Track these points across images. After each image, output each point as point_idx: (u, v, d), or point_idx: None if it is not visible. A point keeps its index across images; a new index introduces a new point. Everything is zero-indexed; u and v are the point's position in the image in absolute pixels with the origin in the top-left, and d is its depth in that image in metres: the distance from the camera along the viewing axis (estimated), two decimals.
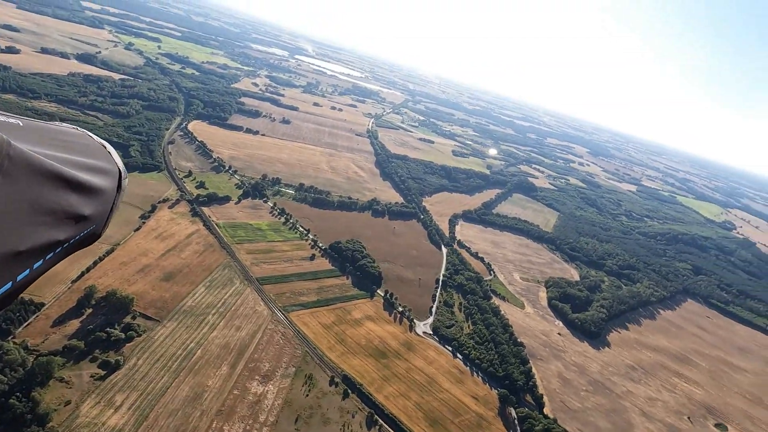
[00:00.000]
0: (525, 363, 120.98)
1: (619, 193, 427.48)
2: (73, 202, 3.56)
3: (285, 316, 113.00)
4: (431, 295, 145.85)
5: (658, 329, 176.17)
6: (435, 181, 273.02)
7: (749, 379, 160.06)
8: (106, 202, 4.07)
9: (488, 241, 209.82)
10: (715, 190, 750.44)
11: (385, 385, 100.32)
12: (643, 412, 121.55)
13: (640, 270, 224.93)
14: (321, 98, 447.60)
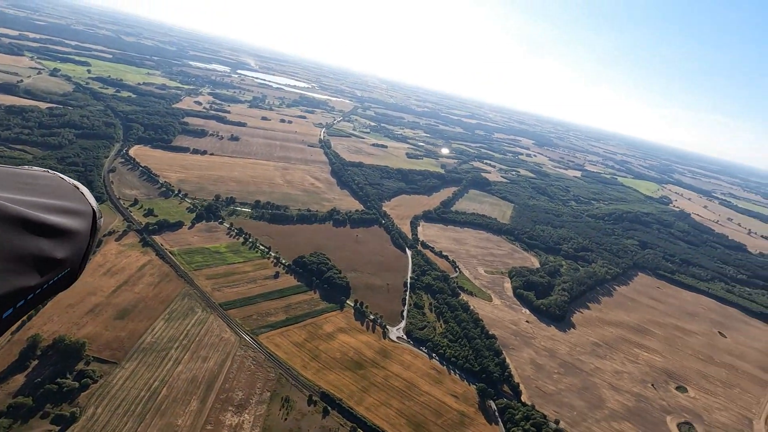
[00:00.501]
0: (498, 354, 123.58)
1: (567, 180, 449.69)
2: (42, 247, 3.50)
3: (254, 339, 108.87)
4: (401, 299, 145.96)
5: (616, 305, 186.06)
6: (393, 185, 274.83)
7: (700, 340, 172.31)
8: (79, 244, 3.95)
9: (450, 239, 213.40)
10: (650, 168, 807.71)
11: (364, 396, 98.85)
12: (612, 385, 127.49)
13: (593, 251, 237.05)
14: (269, 112, 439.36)
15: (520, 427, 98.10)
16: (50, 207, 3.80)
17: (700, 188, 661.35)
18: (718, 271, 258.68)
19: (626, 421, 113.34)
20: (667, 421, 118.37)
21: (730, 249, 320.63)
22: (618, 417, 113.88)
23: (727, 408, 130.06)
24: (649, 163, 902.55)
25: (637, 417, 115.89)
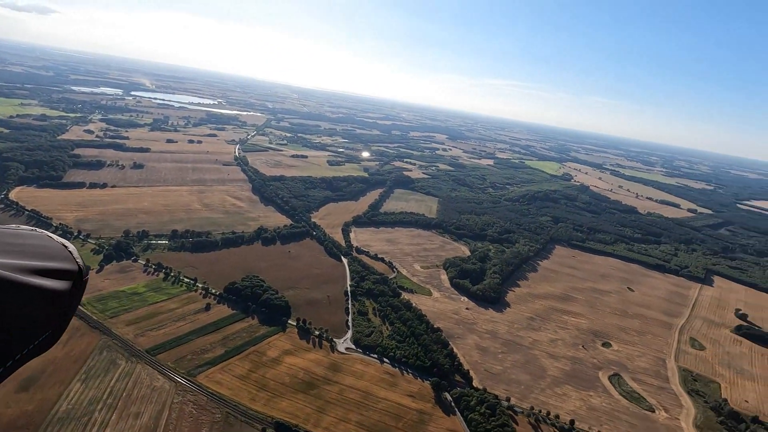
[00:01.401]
0: (446, 346, 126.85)
1: (482, 169, 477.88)
2: (25, 311, 3.44)
3: (191, 381, 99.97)
4: (344, 308, 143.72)
5: (542, 278, 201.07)
6: (319, 195, 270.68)
7: (614, 298, 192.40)
8: (63, 306, 3.91)
9: (384, 241, 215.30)
10: (550, 149, 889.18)
11: (321, 416, 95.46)
12: (550, 354, 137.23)
13: (515, 232, 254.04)
14: (174, 133, 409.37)
15: (477, 412, 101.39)
16: (34, 269, 3.67)
17: (593, 162, 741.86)
18: (618, 234, 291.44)
19: (566, 384, 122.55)
20: (599, 375, 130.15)
21: (625, 213, 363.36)
22: (559, 382, 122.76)
23: (645, 354, 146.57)
24: (549, 145, 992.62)
25: (575, 378, 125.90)
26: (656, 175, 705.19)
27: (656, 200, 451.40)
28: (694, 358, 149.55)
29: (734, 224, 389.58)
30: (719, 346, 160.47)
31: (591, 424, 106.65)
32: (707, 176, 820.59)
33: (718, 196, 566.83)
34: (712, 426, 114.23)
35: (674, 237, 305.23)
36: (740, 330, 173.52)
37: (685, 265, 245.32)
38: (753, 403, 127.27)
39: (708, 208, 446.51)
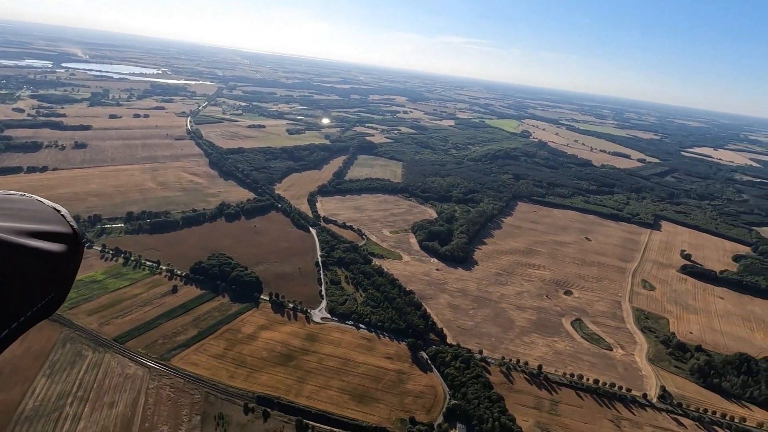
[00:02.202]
0: (419, 307, 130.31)
1: (443, 130, 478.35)
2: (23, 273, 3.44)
3: (165, 365, 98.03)
4: (316, 279, 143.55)
5: (506, 235, 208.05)
6: (280, 166, 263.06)
7: (573, 248, 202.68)
8: (61, 269, 3.94)
9: (351, 208, 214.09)
10: (509, 107, 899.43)
11: (303, 386, 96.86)
12: (517, 306, 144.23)
13: (479, 191, 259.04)
14: (117, 108, 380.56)
15: (452, 367, 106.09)
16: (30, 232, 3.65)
17: (549, 118, 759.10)
18: (575, 187, 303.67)
19: (533, 333, 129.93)
20: (563, 322, 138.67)
21: (581, 166, 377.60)
22: (527, 332, 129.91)
23: (603, 298, 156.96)
24: (507, 103, 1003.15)
25: (541, 327, 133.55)
26: (608, 127, 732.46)
27: (609, 152, 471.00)
28: (646, 298, 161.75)
29: (679, 171, 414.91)
30: (667, 285, 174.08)
31: (557, 367, 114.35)
32: (654, 127, 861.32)
33: (665, 145, 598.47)
34: (662, 357, 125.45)
35: (626, 187, 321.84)
36: (685, 269, 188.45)
37: (636, 212, 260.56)
38: (697, 334, 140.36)
39: (656, 157, 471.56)
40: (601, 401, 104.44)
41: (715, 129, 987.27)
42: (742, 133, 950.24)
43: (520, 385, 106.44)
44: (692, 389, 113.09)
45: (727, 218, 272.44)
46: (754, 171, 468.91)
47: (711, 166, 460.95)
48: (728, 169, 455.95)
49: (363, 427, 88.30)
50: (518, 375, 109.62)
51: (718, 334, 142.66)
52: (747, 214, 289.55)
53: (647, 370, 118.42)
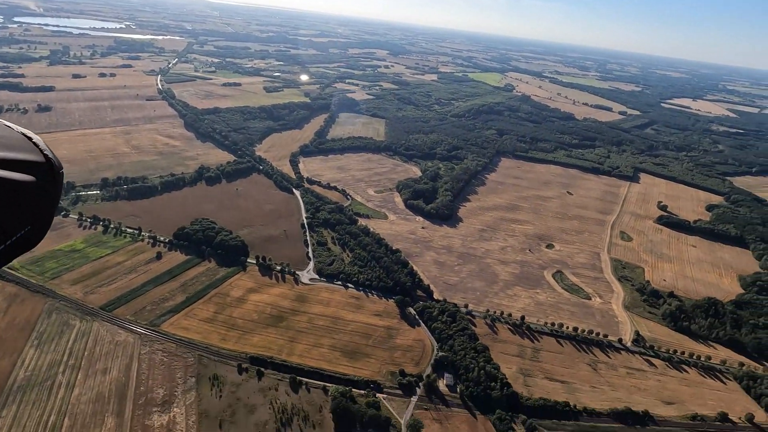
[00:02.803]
0: (406, 265, 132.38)
1: (426, 85, 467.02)
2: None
3: (156, 331, 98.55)
4: (302, 241, 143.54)
5: (490, 191, 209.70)
6: (260, 126, 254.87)
7: (555, 203, 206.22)
8: (36, 198, 3.68)
9: (334, 168, 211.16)
10: (492, 60, 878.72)
11: (294, 345, 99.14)
12: (501, 261, 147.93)
13: (462, 148, 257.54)
14: (80, 66, 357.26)
15: (439, 321, 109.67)
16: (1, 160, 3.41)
17: (533, 71, 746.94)
18: (558, 141, 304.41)
19: (516, 286, 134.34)
20: (544, 274, 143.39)
21: (563, 120, 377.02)
22: (510, 285, 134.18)
23: (582, 250, 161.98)
24: (490, 56, 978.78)
25: (524, 279, 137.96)
26: (591, 80, 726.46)
27: (591, 105, 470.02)
28: (624, 248, 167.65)
29: (658, 123, 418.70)
30: (644, 236, 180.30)
31: (538, 317, 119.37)
32: (636, 78, 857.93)
33: (646, 96, 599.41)
34: (637, 304, 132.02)
35: (607, 140, 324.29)
36: (661, 220, 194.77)
37: (617, 165, 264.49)
38: (670, 281, 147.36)
39: (637, 110, 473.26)
40: (579, 347, 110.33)
41: (695, 79, 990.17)
42: (721, 83, 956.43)
43: (504, 336, 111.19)
44: (664, 332, 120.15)
45: (702, 169, 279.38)
46: (730, 122, 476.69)
47: (689, 118, 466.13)
48: (706, 120, 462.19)
49: (355, 380, 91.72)
50: (502, 326, 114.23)
51: (689, 280, 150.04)
52: (722, 164, 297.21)
53: (623, 317, 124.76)
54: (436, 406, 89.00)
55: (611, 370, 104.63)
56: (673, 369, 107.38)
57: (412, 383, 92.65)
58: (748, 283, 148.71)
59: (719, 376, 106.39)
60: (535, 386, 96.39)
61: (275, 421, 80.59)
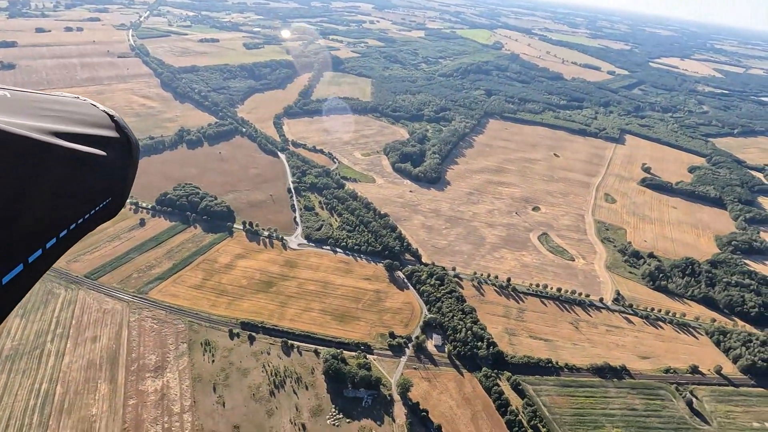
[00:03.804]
0: (394, 229, 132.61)
1: (413, 42, 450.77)
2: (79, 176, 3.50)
3: (144, 298, 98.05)
4: (289, 206, 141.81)
5: (477, 153, 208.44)
6: (241, 86, 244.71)
7: (542, 165, 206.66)
8: (117, 173, 4.02)
9: (320, 131, 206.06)
10: (480, 15, 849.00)
11: (285, 310, 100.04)
12: (488, 224, 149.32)
13: (450, 109, 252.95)
14: (44, 20, 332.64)
15: (428, 284, 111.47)
16: (85, 136, 3.63)
17: (522, 27, 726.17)
18: (546, 102, 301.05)
19: (503, 248, 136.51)
20: (530, 237, 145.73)
21: (552, 80, 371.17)
22: (497, 247, 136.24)
23: (568, 213, 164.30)
24: (479, 11, 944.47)
25: (510, 242, 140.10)
26: (581, 37, 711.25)
27: (580, 64, 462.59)
28: (607, 210, 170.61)
29: (646, 83, 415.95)
30: (627, 198, 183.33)
31: (524, 278, 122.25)
32: (626, 36, 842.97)
33: (634, 55, 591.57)
34: (618, 265, 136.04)
35: (595, 101, 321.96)
36: (644, 182, 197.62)
37: (603, 127, 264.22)
38: (650, 242, 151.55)
39: (625, 69, 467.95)
40: (562, 307, 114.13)
41: (684, 38, 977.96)
42: (709, 42, 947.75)
43: (490, 297, 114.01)
44: (643, 291, 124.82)
45: (687, 130, 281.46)
46: (716, 82, 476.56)
47: (676, 78, 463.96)
48: (692, 81, 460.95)
49: (346, 343, 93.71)
50: (489, 288, 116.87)
51: (669, 241, 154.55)
52: (705, 125, 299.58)
53: (604, 277, 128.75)
54: (425, 366, 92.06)
55: (592, 328, 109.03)
56: (650, 326, 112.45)
57: (401, 344, 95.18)
58: (723, 243, 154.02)
59: (692, 331, 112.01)
60: (520, 345, 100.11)
61: (268, 383, 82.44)
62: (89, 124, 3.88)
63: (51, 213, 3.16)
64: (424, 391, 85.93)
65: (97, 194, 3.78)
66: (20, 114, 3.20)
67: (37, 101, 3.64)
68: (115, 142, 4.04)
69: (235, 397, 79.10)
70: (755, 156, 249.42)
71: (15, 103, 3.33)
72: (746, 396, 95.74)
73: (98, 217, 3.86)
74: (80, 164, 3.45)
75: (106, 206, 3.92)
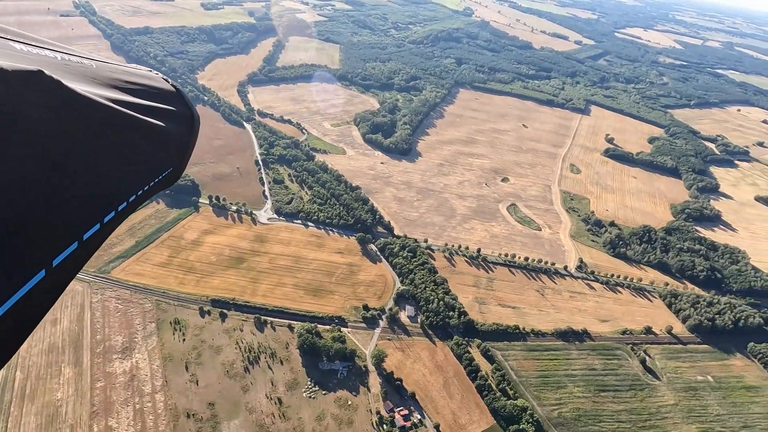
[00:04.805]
0: (366, 202, 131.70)
1: (382, 6, 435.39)
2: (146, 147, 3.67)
3: (106, 278, 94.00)
4: (258, 179, 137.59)
5: (448, 124, 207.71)
6: (200, 50, 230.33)
7: (511, 136, 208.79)
8: (180, 145, 4.20)
9: (287, 100, 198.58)
10: None
11: (257, 286, 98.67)
12: (458, 195, 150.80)
13: (421, 78, 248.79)
14: None
15: (400, 257, 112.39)
16: (154, 109, 3.74)
17: None
18: (515, 71, 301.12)
19: (473, 220, 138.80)
20: (499, 207, 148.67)
21: (521, 49, 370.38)
22: (468, 218, 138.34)
23: (535, 183, 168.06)
24: None
25: (480, 213, 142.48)
26: (549, 5, 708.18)
27: (549, 33, 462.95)
28: (572, 181, 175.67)
29: (611, 54, 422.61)
30: (591, 168, 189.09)
31: (493, 249, 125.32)
32: (593, 4, 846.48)
33: (601, 25, 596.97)
34: (582, 234, 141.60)
35: (562, 71, 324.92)
36: (608, 152, 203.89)
37: (570, 98, 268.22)
38: (612, 211, 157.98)
39: (592, 39, 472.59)
40: (529, 275, 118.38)
41: (648, 8, 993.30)
42: (670, 13, 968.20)
43: (461, 268, 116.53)
44: (604, 258, 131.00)
45: (648, 101, 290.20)
46: (675, 53, 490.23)
47: (639, 48, 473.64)
48: (654, 52, 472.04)
49: (320, 317, 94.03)
50: (460, 259, 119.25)
51: (628, 209, 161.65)
52: (665, 97, 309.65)
53: (569, 246, 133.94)
54: (399, 336, 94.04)
55: (556, 295, 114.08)
56: (610, 291, 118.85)
57: (375, 316, 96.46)
58: (678, 210, 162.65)
59: (647, 295, 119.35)
60: (489, 313, 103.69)
61: (242, 360, 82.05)
62: (157, 97, 3.98)
63: (112, 183, 3.14)
64: (398, 361, 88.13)
65: (160, 164, 3.86)
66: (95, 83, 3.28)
67: (115, 72, 3.74)
68: (180, 115, 4.18)
69: (209, 374, 78.40)
70: (709, 127, 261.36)
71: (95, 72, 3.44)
72: (693, 353, 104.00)
73: (156, 188, 3.90)
74: (144, 134, 3.54)
75: (164, 177, 3.98)
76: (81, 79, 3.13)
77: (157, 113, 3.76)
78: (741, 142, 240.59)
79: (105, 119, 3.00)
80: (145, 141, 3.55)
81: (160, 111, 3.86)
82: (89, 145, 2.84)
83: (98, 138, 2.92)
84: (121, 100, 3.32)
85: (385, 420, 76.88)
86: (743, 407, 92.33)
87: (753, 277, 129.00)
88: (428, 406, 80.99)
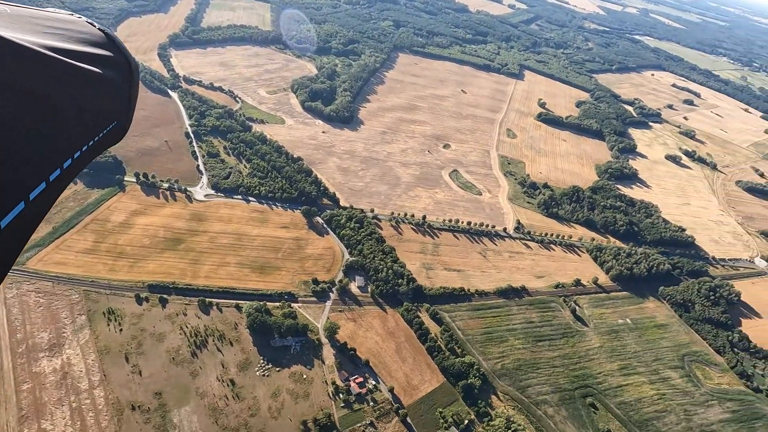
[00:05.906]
0: (310, 174, 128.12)
1: None
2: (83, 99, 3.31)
3: (21, 271, 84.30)
4: (190, 153, 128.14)
5: (389, 90, 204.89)
6: (110, 6, 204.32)
7: (451, 102, 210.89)
8: (121, 95, 3.83)
9: (216, 65, 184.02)
10: None
11: (198, 268, 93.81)
12: (402, 163, 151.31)
13: (359, 42, 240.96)
14: None
15: (347, 228, 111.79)
16: (88, 55, 3.37)
17: None
18: (453, 35, 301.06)
19: (417, 187, 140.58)
20: (442, 174, 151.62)
21: (458, 12, 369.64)
22: (412, 186, 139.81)
23: (475, 149, 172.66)
24: None
25: (424, 180, 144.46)
26: None
27: None
28: (509, 145, 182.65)
29: (542, 18, 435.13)
30: (526, 133, 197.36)
31: (438, 215, 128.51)
32: None
33: None
34: (518, 196, 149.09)
35: (498, 35, 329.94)
36: (540, 117, 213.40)
37: (506, 63, 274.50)
38: (545, 173, 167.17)
39: (523, 3, 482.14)
40: (472, 239, 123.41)
41: None
42: None
43: (407, 235, 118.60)
44: (538, 219, 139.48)
45: (575, 66, 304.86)
46: (599, 19, 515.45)
47: (567, 14, 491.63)
48: (580, 17, 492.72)
49: (268, 294, 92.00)
50: (406, 227, 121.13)
51: (559, 171, 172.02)
52: (590, 62, 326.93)
53: (507, 208, 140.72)
54: (350, 307, 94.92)
55: (497, 256, 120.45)
56: (544, 249, 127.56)
57: (325, 289, 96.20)
58: (602, 171, 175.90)
59: (577, 250, 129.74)
60: (436, 277, 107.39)
61: (189, 345, 78.78)
62: (87, 43, 3.54)
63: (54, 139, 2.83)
64: (351, 331, 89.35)
65: (103, 117, 3.50)
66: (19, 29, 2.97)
67: (35, 17, 3.44)
68: (114, 62, 3.69)
69: (153, 363, 74.58)
70: (628, 91, 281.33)
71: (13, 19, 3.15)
72: (614, 299, 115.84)
73: (104, 143, 3.53)
74: (83, 82, 3.20)
75: (111, 130, 3.64)
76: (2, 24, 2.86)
77: (91, 59, 3.36)
78: (654, 105, 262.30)
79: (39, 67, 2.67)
80: (85, 90, 3.21)
81: (94, 57, 3.45)
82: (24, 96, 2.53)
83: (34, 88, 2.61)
84: (51, 46, 2.98)
85: (341, 389, 78.45)
86: (655, 343, 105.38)
87: (663, 228, 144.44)
88: (382, 372, 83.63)
